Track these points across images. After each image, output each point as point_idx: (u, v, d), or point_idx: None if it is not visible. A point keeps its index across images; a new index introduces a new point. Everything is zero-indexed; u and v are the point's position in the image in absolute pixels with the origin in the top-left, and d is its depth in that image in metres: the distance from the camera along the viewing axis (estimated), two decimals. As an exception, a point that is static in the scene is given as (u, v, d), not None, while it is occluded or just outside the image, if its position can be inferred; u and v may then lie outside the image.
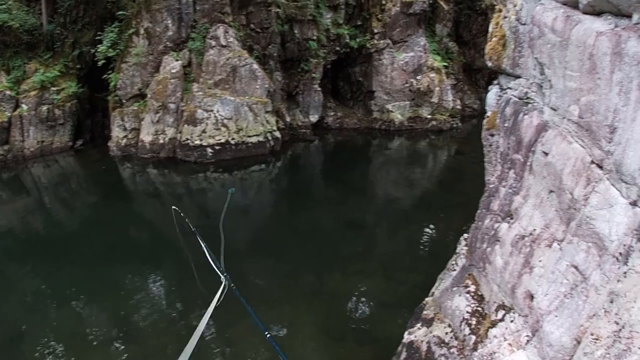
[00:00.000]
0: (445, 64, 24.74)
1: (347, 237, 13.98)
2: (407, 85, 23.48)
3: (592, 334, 3.83)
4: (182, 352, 4.14)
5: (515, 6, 5.86)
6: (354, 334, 9.69)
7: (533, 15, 5.22)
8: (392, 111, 24.02)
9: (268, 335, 3.75)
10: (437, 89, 23.61)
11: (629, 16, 3.96)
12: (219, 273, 6.66)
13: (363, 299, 11.05)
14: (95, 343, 9.18)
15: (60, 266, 11.92)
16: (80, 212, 16.11)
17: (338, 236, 14.06)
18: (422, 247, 14.03)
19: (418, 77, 23.39)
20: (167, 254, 12.75)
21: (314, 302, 10.58)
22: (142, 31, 19.61)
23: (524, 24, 5.69)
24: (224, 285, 5.62)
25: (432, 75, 23.54)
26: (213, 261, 7.34)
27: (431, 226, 15.19)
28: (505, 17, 6.15)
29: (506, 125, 6.24)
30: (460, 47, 26.99)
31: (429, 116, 24.04)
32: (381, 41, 23.14)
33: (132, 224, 14.81)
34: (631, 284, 3.62)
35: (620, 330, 3.57)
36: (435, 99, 23.73)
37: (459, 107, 24.99)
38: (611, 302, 3.79)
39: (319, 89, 23.20)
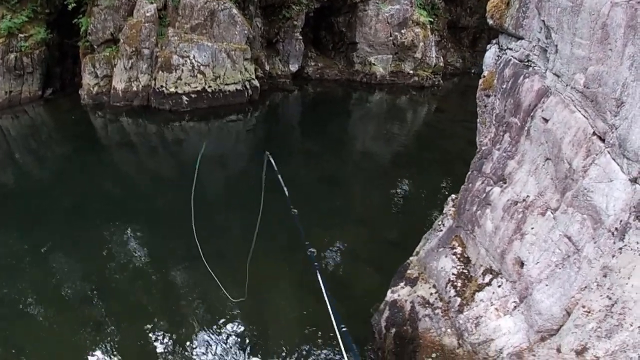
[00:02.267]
0: (431, 19, 24.20)
1: (324, 191, 13.92)
2: (391, 38, 22.95)
3: (583, 307, 3.89)
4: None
5: (523, -36, 5.61)
6: (332, 290, 9.69)
7: (544, -24, 5.00)
8: (374, 64, 23.58)
9: (344, 329, 3.51)
10: (421, 44, 23.18)
11: (649, -14, 3.81)
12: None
13: (341, 255, 11.11)
14: (71, 301, 9.01)
15: (31, 222, 11.51)
16: (51, 164, 15.52)
17: (316, 190, 13.97)
18: (399, 204, 14.13)
19: (402, 31, 22.85)
20: (142, 207, 12.45)
21: (292, 257, 10.55)
22: (114, -29, 18.39)
23: (532, -16, 5.47)
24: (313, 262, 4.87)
25: (417, 30, 23.02)
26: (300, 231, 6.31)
27: (409, 183, 15.27)
28: (511, -25, 5.90)
29: (504, 86, 6.11)
30: (446, 4, 26.34)
31: (411, 71, 23.72)
32: (367, -9, 22.40)
33: (105, 176, 14.31)
34: (626, 260, 3.66)
35: (612, 305, 3.62)
36: (418, 55, 23.34)
37: (441, 64, 24.68)
38: (604, 276, 3.84)
39: (300, 37, 22.45)
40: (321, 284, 4.72)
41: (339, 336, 3.64)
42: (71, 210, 12.16)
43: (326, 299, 4.21)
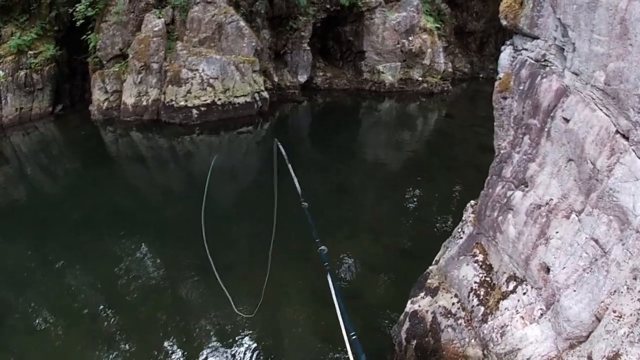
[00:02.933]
0: (438, 25, 24.14)
1: (336, 201, 13.79)
2: (398, 46, 22.90)
3: (614, 311, 3.72)
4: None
5: (536, -37, 5.51)
6: (347, 301, 9.49)
7: (559, -27, 4.89)
8: (382, 72, 23.52)
9: (354, 337, 3.39)
10: (429, 50, 23.10)
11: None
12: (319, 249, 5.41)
13: (354, 266, 10.95)
14: (81, 315, 8.96)
15: (43, 235, 11.55)
16: (62, 180, 15.62)
17: (327, 200, 13.85)
18: (411, 212, 13.96)
19: (410, 38, 22.80)
20: (153, 220, 12.43)
21: (304, 267, 10.42)
22: (122, -12, 18.61)
23: (546, -18, 5.36)
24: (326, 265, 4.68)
25: (425, 36, 22.96)
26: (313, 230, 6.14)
27: (421, 190, 15.10)
28: (524, -25, 5.80)
29: (521, 88, 5.97)
30: (452, 9, 26.30)
31: (420, 78, 23.61)
32: (373, 0, 22.37)
33: (116, 190, 14.36)
34: (659, 261, 3.49)
35: (646, 308, 3.45)
36: (426, 61, 23.25)
37: (450, 70, 24.58)
38: (634, 279, 3.68)
39: (308, 48, 22.49)
40: (331, 286, 4.53)
41: (347, 342, 3.51)
42: (82, 224, 12.17)
43: (335, 302, 4.04)
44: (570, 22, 4.81)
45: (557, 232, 4.81)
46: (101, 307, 9.14)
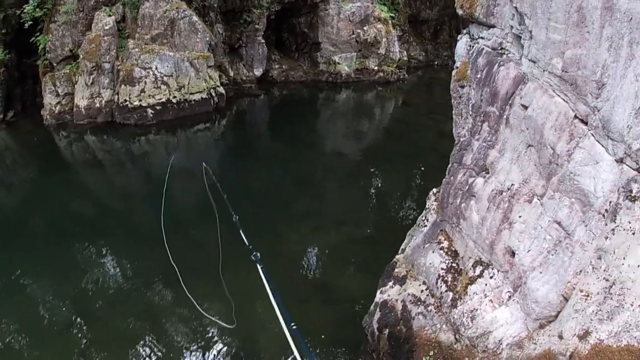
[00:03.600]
0: (392, 14, 24.37)
1: (299, 194, 13.78)
2: (353, 36, 22.99)
3: (581, 291, 3.85)
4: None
5: (490, -48, 5.59)
6: (317, 294, 9.62)
7: (513, -38, 4.98)
8: (338, 63, 23.58)
9: (294, 327, 3.43)
10: (384, 40, 23.30)
11: (622, -34, 3.80)
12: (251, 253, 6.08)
13: (322, 258, 10.97)
14: (51, 330, 8.61)
15: (0, 248, 11.03)
16: (17, 189, 14.92)
17: (290, 194, 13.83)
18: (375, 201, 14.10)
19: (365, 28, 22.92)
20: (113, 226, 12.06)
21: (272, 264, 10.31)
22: (70, -14, 17.81)
23: (500, -29, 5.46)
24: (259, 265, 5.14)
25: (379, 26, 23.13)
26: (245, 237, 6.71)
27: (383, 178, 15.27)
28: (478, -36, 5.87)
29: (478, 76, 6.08)
30: (405, -2, 26.62)
31: (375, 67, 23.82)
32: (327, -10, 22.36)
33: (73, 196, 13.84)
34: (620, 241, 3.63)
35: (610, 286, 3.60)
36: (382, 50, 23.45)
37: (405, 58, 24.90)
38: (599, 258, 3.81)
39: (263, 41, 22.26)
40: (266, 284, 4.68)
41: (288, 334, 3.54)
42: (41, 234, 11.71)
43: (272, 298, 4.14)
44: (527, 10, 4.90)
45: (520, 217, 4.94)
46: (69, 320, 8.80)
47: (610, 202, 3.88)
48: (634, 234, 3.40)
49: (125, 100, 17.61)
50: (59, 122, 18.29)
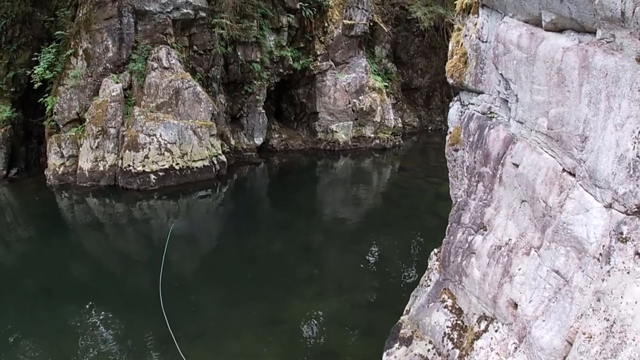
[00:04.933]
0: (386, 84, 25.55)
1: (300, 261, 13.82)
2: (350, 105, 23.95)
3: (584, 333, 3.95)
4: None
5: (475, 25, 6.13)
6: (320, 360, 9.50)
7: (497, 33, 5.48)
8: (336, 131, 24.36)
9: None
10: (379, 108, 24.27)
11: (592, 32, 4.25)
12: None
13: (325, 324, 10.86)
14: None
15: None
16: (15, 247, 14.91)
17: (291, 260, 13.87)
18: (376, 265, 14.12)
19: (360, 98, 23.94)
20: (111, 290, 11.98)
21: (275, 331, 10.29)
22: (80, 52, 18.71)
23: (486, 42, 5.97)
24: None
25: (374, 95, 24.18)
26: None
27: (383, 242, 15.37)
28: (465, 36, 6.41)
29: (471, 139, 6.46)
30: (398, 68, 28.01)
31: (372, 135, 24.60)
32: (324, 63, 23.51)
33: (72, 258, 13.83)
34: (616, 281, 3.79)
35: (611, 325, 3.71)
36: (377, 118, 24.35)
37: (400, 125, 25.81)
38: (598, 300, 3.95)
39: (263, 111, 23.12)
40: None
41: None
42: (37, 295, 11.63)
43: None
44: (511, 76, 5.34)
45: (519, 269, 5.11)
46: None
47: (604, 245, 4.07)
48: (628, 272, 3.57)
49: (129, 165, 18.03)
50: (62, 183, 18.56)
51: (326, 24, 23.27)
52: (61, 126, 18.87)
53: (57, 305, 11.08)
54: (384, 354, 7.18)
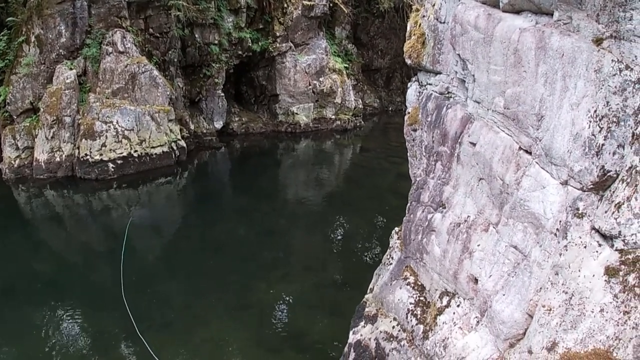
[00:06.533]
0: (346, 65, 25.52)
1: (265, 244, 13.86)
2: (310, 87, 23.83)
3: (543, 306, 4.11)
4: None
5: (434, 6, 6.16)
6: (290, 342, 9.60)
7: (455, 14, 5.52)
8: (297, 113, 24.25)
9: None
10: (340, 89, 24.25)
11: (549, 14, 4.33)
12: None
13: (292, 305, 10.99)
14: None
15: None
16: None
17: (256, 244, 13.88)
18: (340, 245, 14.32)
19: (321, 79, 23.84)
20: (73, 285, 11.73)
21: (243, 316, 10.32)
22: (32, 39, 17.82)
23: (444, 23, 6.01)
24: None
25: (334, 76, 24.12)
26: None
27: (347, 222, 15.56)
28: (423, 17, 6.44)
29: (429, 119, 6.54)
30: (358, 49, 28.00)
31: (333, 116, 24.63)
32: (283, 44, 23.22)
33: (32, 254, 13.40)
34: (573, 255, 3.94)
35: (570, 298, 3.86)
36: (338, 100, 24.35)
37: (360, 106, 25.93)
38: (556, 274, 4.10)
39: (222, 94, 22.71)
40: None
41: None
42: (-1, 293, 11.23)
43: None
44: (469, 56, 5.41)
45: (478, 245, 5.25)
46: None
47: (560, 221, 4.21)
48: (585, 247, 3.71)
49: (86, 155, 17.44)
50: (18, 176, 17.82)
51: (285, 5, 22.94)
52: (15, 117, 18.05)
53: (18, 303, 10.77)
54: (350, 332, 7.31)
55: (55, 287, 11.56)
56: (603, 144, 3.71)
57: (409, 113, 7.32)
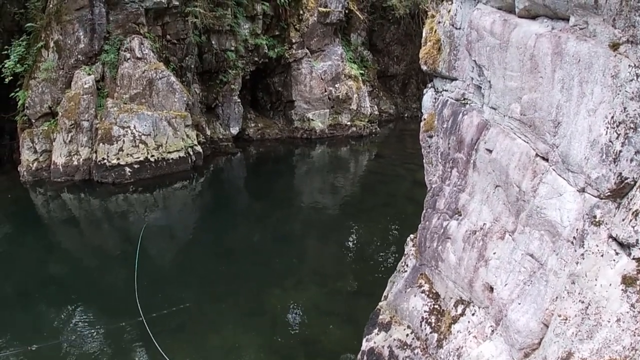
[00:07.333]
0: (362, 71, 25.54)
1: (279, 251, 13.83)
2: (326, 93, 23.87)
3: (559, 315, 4.03)
4: None
5: (449, 12, 6.14)
6: (303, 349, 9.55)
7: (471, 20, 5.49)
8: (312, 120, 24.29)
9: None
10: (355, 96, 24.25)
11: (565, 19, 4.28)
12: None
13: (306, 312, 10.94)
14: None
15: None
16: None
17: (270, 250, 13.87)
18: (354, 252, 14.23)
19: (336, 85, 23.88)
20: (87, 288, 11.82)
21: (256, 322, 10.30)
22: (52, 44, 18.16)
23: (459, 29, 5.98)
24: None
25: (350, 83, 24.15)
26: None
27: (360, 230, 15.48)
28: (439, 23, 6.42)
29: (445, 126, 6.49)
30: (374, 55, 28.02)
31: (348, 123, 24.63)
32: (299, 51, 23.36)
33: (48, 256, 13.60)
34: (590, 264, 3.86)
35: (587, 308, 3.78)
36: (353, 106, 24.35)
37: (376, 112, 25.88)
38: (572, 283, 4.02)
39: (239, 100, 22.88)
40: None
41: None
42: (12, 295, 11.40)
43: None
44: (485, 62, 5.36)
45: (494, 253, 5.18)
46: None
47: (577, 229, 4.14)
48: (602, 255, 3.64)
49: (103, 159, 17.68)
50: (36, 179, 18.12)
51: (301, 12, 23.07)
52: (33, 121, 18.36)
53: (32, 304, 10.89)
54: (364, 339, 7.25)
55: (70, 290, 11.67)
56: (620, 151, 3.64)
57: (424, 119, 7.28)
